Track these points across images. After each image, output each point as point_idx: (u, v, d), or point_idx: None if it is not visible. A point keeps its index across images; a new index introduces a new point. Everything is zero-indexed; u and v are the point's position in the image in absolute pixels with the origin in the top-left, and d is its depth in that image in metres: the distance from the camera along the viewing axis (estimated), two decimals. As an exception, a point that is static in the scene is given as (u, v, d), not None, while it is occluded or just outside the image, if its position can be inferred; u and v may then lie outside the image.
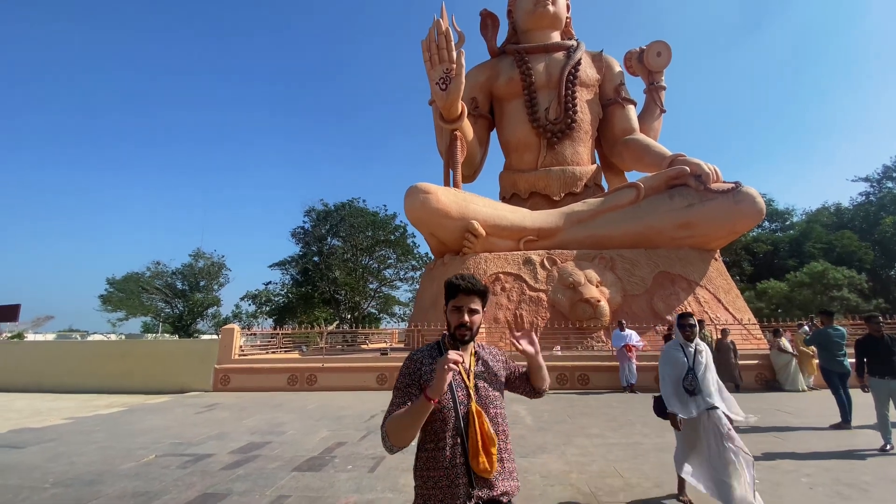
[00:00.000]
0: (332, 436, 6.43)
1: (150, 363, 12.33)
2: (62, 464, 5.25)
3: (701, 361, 3.70)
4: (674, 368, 3.74)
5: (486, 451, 1.52)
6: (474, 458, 1.51)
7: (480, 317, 1.70)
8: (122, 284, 39.34)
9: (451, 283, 1.70)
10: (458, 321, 1.66)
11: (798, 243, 32.53)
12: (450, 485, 1.51)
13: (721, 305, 13.70)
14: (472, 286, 1.67)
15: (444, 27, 14.77)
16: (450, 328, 1.70)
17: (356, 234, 35.22)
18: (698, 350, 3.76)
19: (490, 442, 1.53)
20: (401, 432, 1.52)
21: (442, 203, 13.53)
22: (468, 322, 1.66)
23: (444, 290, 1.74)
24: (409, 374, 1.67)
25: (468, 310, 1.67)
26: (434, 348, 1.75)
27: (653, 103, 19.74)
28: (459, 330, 1.66)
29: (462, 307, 1.67)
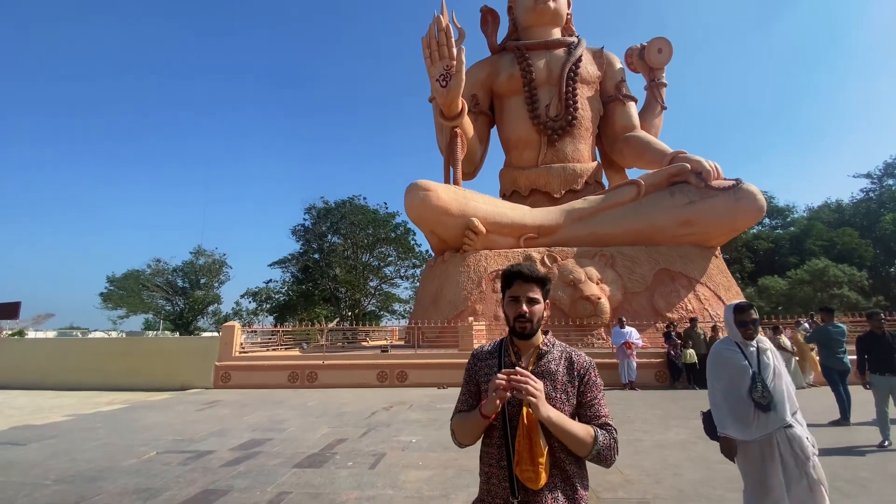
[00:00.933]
0: (333, 433, 6.45)
1: (152, 360, 12.36)
2: (63, 461, 5.27)
3: (768, 364, 2.75)
4: (730, 375, 2.81)
5: (532, 460, 1.35)
6: (518, 465, 1.37)
7: (542, 307, 1.53)
8: (123, 282, 39.42)
9: (508, 271, 1.56)
10: (516, 312, 1.51)
11: (799, 240, 32.54)
12: (498, 484, 1.43)
13: (721, 303, 13.70)
14: (531, 273, 1.52)
15: (444, 24, 14.72)
16: (508, 321, 1.56)
17: (357, 231, 35.25)
18: (762, 349, 2.80)
19: (539, 452, 1.35)
20: (462, 435, 1.53)
21: (442, 200, 13.53)
22: (527, 312, 1.49)
23: (501, 282, 1.61)
24: (468, 370, 1.63)
25: (527, 299, 1.51)
26: (496, 345, 1.63)
27: (654, 100, 19.68)
28: (519, 322, 1.51)
29: (520, 297, 1.51)
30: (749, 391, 2.67)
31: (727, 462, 4.70)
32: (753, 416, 2.66)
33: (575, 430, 1.38)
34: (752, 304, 2.89)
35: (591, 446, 1.38)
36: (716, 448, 5.18)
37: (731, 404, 2.75)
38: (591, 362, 1.57)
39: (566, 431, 1.37)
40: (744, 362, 2.77)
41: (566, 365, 1.53)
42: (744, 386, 2.70)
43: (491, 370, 1.55)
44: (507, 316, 1.56)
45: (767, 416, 2.64)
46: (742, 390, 2.70)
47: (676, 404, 8.34)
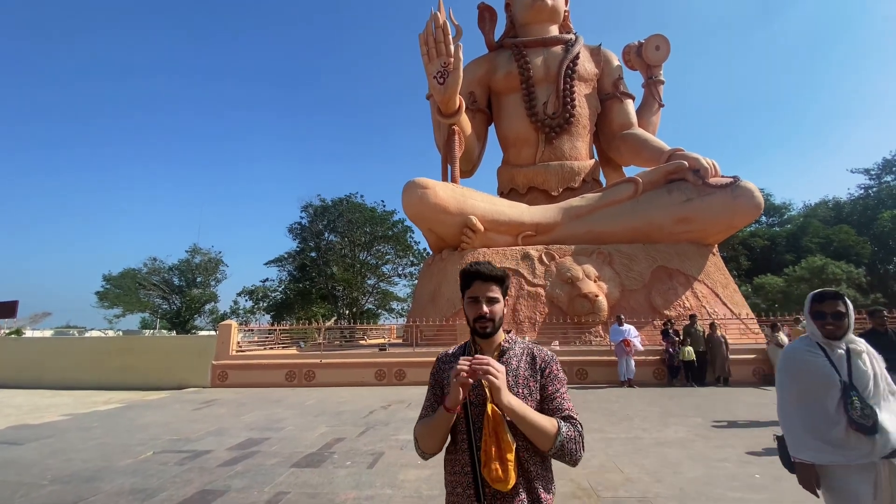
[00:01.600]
0: (331, 432, 6.42)
1: (148, 359, 12.30)
2: (60, 460, 5.23)
3: (865, 371, 2.07)
4: (808, 385, 2.14)
5: (500, 458, 1.31)
6: (486, 466, 1.31)
7: (502, 305, 1.52)
8: (119, 281, 39.22)
9: (466, 271, 1.54)
10: (476, 313, 1.49)
11: (795, 238, 32.64)
12: (463, 492, 1.39)
13: (719, 300, 13.73)
14: (489, 272, 1.50)
15: (441, 21, 14.65)
16: (469, 322, 1.54)
17: (354, 229, 35.15)
18: (855, 351, 2.12)
19: (507, 448, 1.31)
20: (425, 438, 1.47)
21: (440, 198, 13.48)
22: (487, 313, 1.47)
23: (460, 282, 1.58)
24: (433, 375, 1.60)
25: (486, 299, 1.49)
26: (460, 349, 1.62)
27: (651, 97, 19.67)
28: (479, 322, 1.49)
29: (479, 297, 1.49)
30: (843, 408, 2.00)
31: (728, 460, 4.76)
32: (846, 438, 1.99)
33: (537, 420, 1.34)
34: (839, 294, 2.17)
35: (555, 438, 1.34)
36: (716, 446, 5.24)
37: (812, 421, 2.08)
38: (553, 356, 1.55)
39: (528, 421, 1.33)
40: (828, 369, 2.09)
41: (528, 360, 1.52)
42: (830, 399, 2.05)
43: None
44: (467, 317, 1.54)
45: (871, 440, 1.94)
46: (828, 404, 2.05)
47: (675, 402, 8.34)
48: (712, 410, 7.43)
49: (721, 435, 5.80)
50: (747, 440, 5.49)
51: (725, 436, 5.75)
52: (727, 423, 6.45)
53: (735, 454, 4.93)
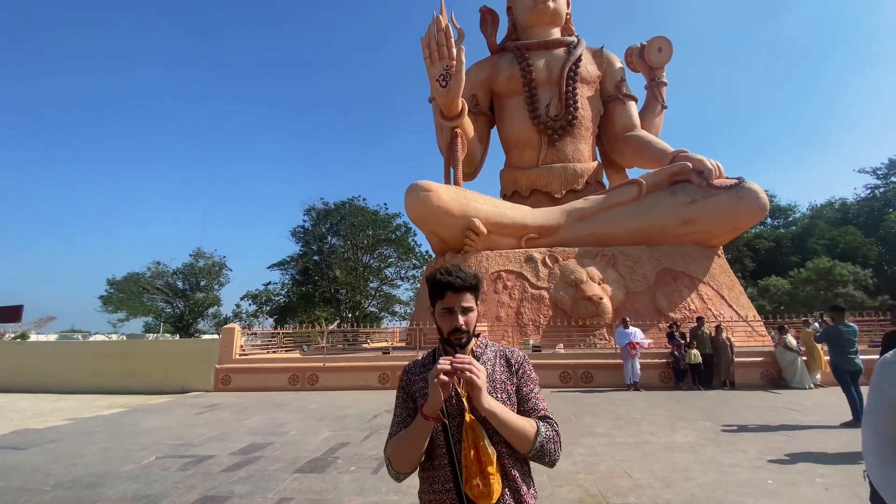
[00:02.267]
0: (335, 436, 6.36)
1: (152, 363, 12.28)
2: (63, 465, 5.19)
3: None
4: None
5: (481, 472, 1.25)
6: (468, 482, 1.25)
7: (476, 313, 1.43)
8: (123, 285, 39.35)
9: (436, 280, 1.41)
10: (451, 325, 1.39)
11: (801, 239, 32.46)
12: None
13: (724, 302, 13.63)
14: (463, 281, 1.39)
15: (443, 24, 14.66)
16: (442, 334, 1.43)
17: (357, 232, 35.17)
18: None
19: (487, 461, 1.25)
20: (401, 456, 1.33)
21: (443, 201, 13.45)
22: (463, 324, 1.39)
23: (429, 289, 1.45)
24: (402, 388, 1.47)
25: (461, 309, 1.39)
26: (429, 357, 1.52)
27: (654, 99, 19.61)
28: (455, 335, 1.39)
29: (454, 308, 1.39)
30: None
31: (740, 465, 4.67)
32: None
33: (518, 423, 1.30)
34: None
35: (535, 439, 1.30)
36: (726, 451, 5.15)
37: None
38: (525, 356, 1.50)
39: (509, 424, 1.28)
40: None
41: (503, 363, 1.46)
42: None
43: (427, 383, 1.36)
44: (440, 329, 1.44)
45: None
46: None
47: (682, 405, 8.24)
48: (721, 414, 7.33)
49: (731, 439, 5.71)
50: (758, 445, 5.40)
51: (735, 440, 5.66)
52: (737, 428, 6.35)
53: (746, 459, 4.84)
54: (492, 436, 1.31)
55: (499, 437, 1.32)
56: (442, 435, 1.33)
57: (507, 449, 1.33)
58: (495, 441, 1.31)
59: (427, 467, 1.38)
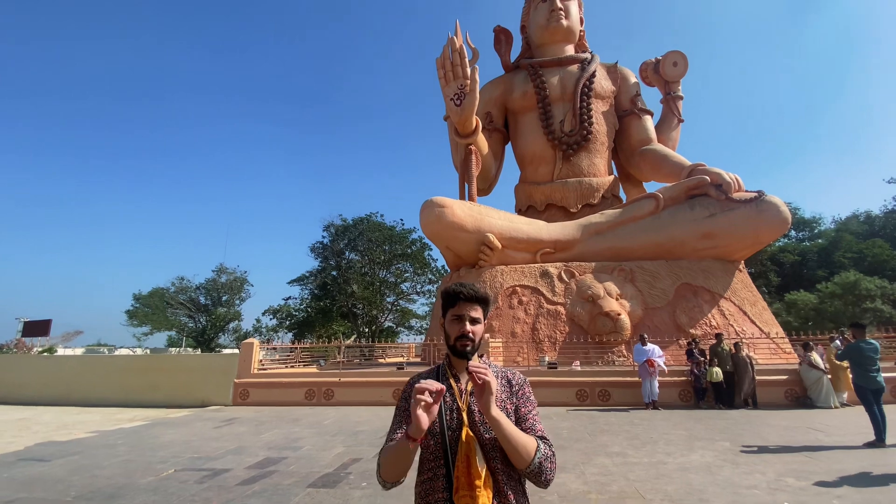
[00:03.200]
0: (348, 451, 6.40)
1: (173, 377, 12.55)
2: (84, 477, 5.35)
3: None
4: None
5: (469, 484, 1.31)
6: (457, 492, 1.31)
7: (483, 327, 1.53)
8: (148, 299, 40.41)
9: (450, 291, 1.53)
10: (458, 332, 1.49)
11: (827, 253, 31.44)
12: None
13: (747, 318, 13.27)
14: (474, 293, 1.51)
15: (458, 45, 14.99)
16: (449, 340, 1.53)
17: (374, 248, 35.56)
18: None
19: (476, 475, 1.31)
20: (388, 468, 1.40)
21: (457, 216, 13.56)
22: (470, 332, 1.48)
23: (442, 300, 1.57)
24: (404, 399, 1.53)
25: (469, 318, 1.50)
26: (433, 372, 1.60)
27: (670, 113, 19.52)
28: (461, 341, 1.49)
29: (463, 316, 1.50)
30: None
31: (758, 488, 4.54)
32: None
33: (520, 436, 1.36)
34: None
35: (534, 456, 1.35)
36: (744, 472, 5.01)
37: None
38: (525, 379, 1.57)
39: (512, 435, 1.33)
40: None
41: (504, 383, 1.53)
42: None
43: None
44: (447, 335, 1.54)
45: None
46: None
47: (701, 425, 8.03)
48: (741, 434, 7.11)
49: (750, 460, 5.54)
50: (778, 466, 5.23)
51: (755, 461, 5.49)
52: (757, 448, 6.16)
53: (764, 480, 4.70)
54: (487, 453, 1.37)
55: (494, 454, 1.37)
56: (440, 447, 1.39)
57: (503, 466, 1.38)
58: (490, 458, 1.37)
59: (423, 479, 1.43)
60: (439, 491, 1.36)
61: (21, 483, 5.14)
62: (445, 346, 1.57)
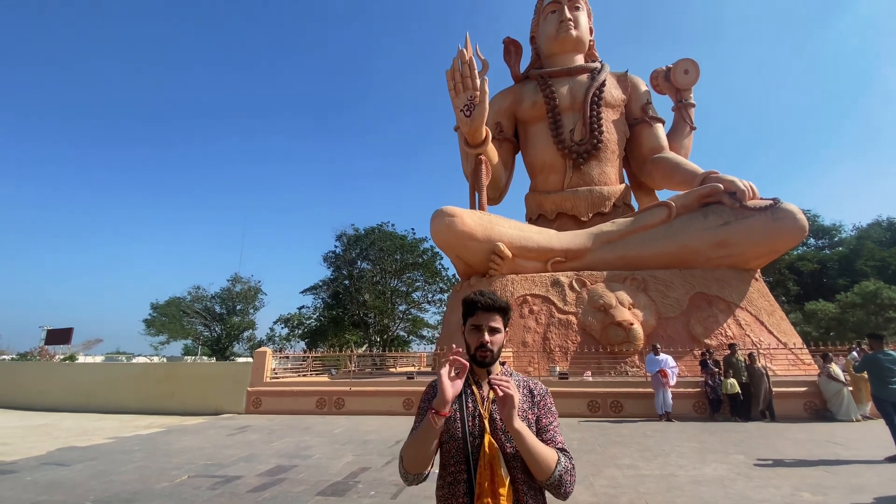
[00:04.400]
0: (357, 460, 6.44)
1: (188, 385, 12.76)
2: (102, 482, 5.48)
3: None
4: None
5: (493, 492, 1.32)
6: (479, 498, 1.33)
7: (503, 336, 1.53)
8: (165, 308, 41.10)
9: (470, 300, 1.53)
10: (478, 341, 1.49)
11: (848, 261, 30.66)
12: None
13: (764, 328, 13.01)
14: (493, 302, 1.51)
15: (467, 56, 15.18)
16: (469, 350, 1.53)
17: (385, 257, 35.73)
18: None
19: (500, 482, 1.33)
20: (411, 452, 1.43)
21: (467, 226, 13.62)
22: (489, 342, 1.49)
23: (462, 309, 1.58)
24: (426, 401, 1.55)
25: (488, 328, 1.50)
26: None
27: (682, 121, 19.43)
28: (480, 351, 1.49)
29: (482, 325, 1.50)
30: None
31: (769, 502, 4.45)
32: None
33: (541, 448, 1.37)
34: None
35: (554, 468, 1.36)
36: (758, 486, 4.92)
37: None
38: (547, 390, 1.58)
39: (533, 447, 1.34)
40: None
41: (526, 393, 1.53)
42: None
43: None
44: (467, 345, 1.55)
45: None
46: None
47: (716, 437, 7.88)
48: (756, 447, 6.97)
49: (764, 474, 5.43)
50: (793, 480, 5.12)
51: (769, 475, 5.38)
52: (772, 462, 6.03)
53: (779, 495, 4.61)
54: (508, 462, 1.38)
55: (515, 464, 1.39)
56: (462, 452, 1.41)
57: (523, 476, 1.39)
58: (511, 467, 1.38)
59: (443, 485, 1.46)
60: (460, 496, 1.38)
61: (42, 487, 5.28)
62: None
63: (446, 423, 1.45)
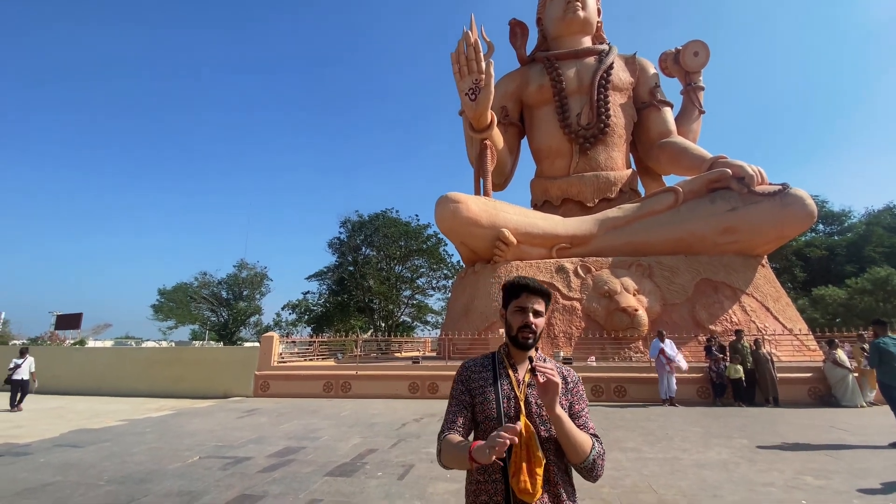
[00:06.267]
0: (364, 442, 6.55)
1: (197, 369, 12.97)
2: (115, 462, 5.61)
3: None
4: None
5: (529, 471, 1.35)
6: (515, 476, 1.35)
7: (544, 321, 1.56)
8: (172, 294, 41.58)
9: (515, 283, 1.57)
10: (522, 322, 1.52)
11: (857, 247, 30.35)
12: (488, 500, 1.43)
13: (770, 314, 12.98)
14: (539, 286, 1.54)
15: (472, 39, 14.92)
16: (511, 331, 1.56)
17: (389, 243, 35.82)
18: None
19: (537, 462, 1.36)
20: (450, 458, 1.44)
21: (472, 212, 13.57)
22: (533, 324, 1.52)
23: (504, 293, 1.61)
24: (461, 381, 1.59)
25: (533, 311, 1.52)
26: (487, 359, 1.63)
27: (690, 104, 19.13)
28: (523, 332, 1.52)
29: (526, 308, 1.53)
30: None
31: (774, 485, 4.51)
32: None
33: (578, 434, 1.41)
34: None
35: (589, 452, 1.41)
36: (761, 470, 4.96)
37: None
38: (579, 377, 1.60)
39: (571, 432, 1.39)
40: None
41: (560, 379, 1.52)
42: None
43: (486, 382, 1.54)
44: (509, 326, 1.57)
45: None
46: None
47: (719, 422, 7.93)
48: (759, 432, 7.01)
49: (768, 458, 5.48)
50: (796, 464, 5.16)
51: (773, 459, 5.42)
52: (775, 446, 6.07)
53: (781, 479, 4.65)
54: (541, 443, 1.41)
55: (548, 446, 1.44)
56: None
57: (555, 458, 1.45)
58: (545, 449, 1.42)
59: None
60: (496, 473, 1.42)
61: (57, 468, 5.42)
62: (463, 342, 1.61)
63: (482, 404, 1.51)
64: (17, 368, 10.58)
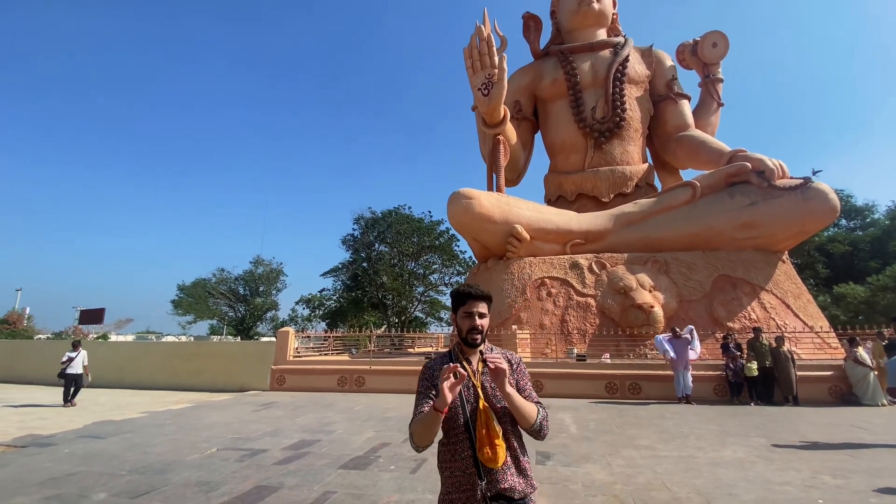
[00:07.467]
0: (378, 436, 6.62)
1: (215, 363, 13.25)
2: (137, 453, 5.78)
3: None
4: None
5: (490, 443, 1.64)
6: (480, 450, 1.64)
7: (488, 320, 1.84)
8: (191, 290, 42.40)
9: (461, 291, 1.85)
10: (469, 325, 1.79)
11: (881, 242, 29.39)
12: (463, 475, 1.68)
13: (790, 311, 12.69)
14: (481, 292, 1.83)
15: (485, 33, 14.82)
16: (461, 333, 1.82)
17: (402, 240, 35.92)
18: None
19: (496, 434, 1.65)
20: (420, 435, 1.68)
21: (485, 208, 13.54)
22: (479, 326, 1.79)
23: (452, 300, 1.88)
24: (426, 378, 1.85)
25: (478, 314, 1.80)
26: (446, 356, 1.90)
27: (709, 97, 18.71)
28: (471, 334, 1.79)
29: (473, 312, 1.79)
30: None
31: (791, 484, 4.43)
32: None
33: (526, 404, 1.72)
34: None
35: (536, 417, 1.72)
36: (778, 469, 4.89)
37: None
38: (521, 358, 1.92)
39: (521, 404, 1.70)
40: None
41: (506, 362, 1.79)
42: None
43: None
44: (459, 329, 1.84)
45: None
46: None
47: (735, 420, 7.81)
48: (778, 431, 6.89)
49: (785, 457, 5.38)
50: (814, 463, 5.06)
51: (790, 458, 5.33)
52: (793, 445, 5.95)
53: (798, 478, 4.56)
54: (499, 418, 1.71)
55: (504, 419, 1.73)
56: (461, 417, 1.72)
57: (511, 427, 1.75)
58: (501, 421, 1.72)
59: (445, 442, 1.77)
60: (465, 450, 1.69)
61: (80, 458, 5.61)
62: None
63: None
64: (71, 362, 10.18)
